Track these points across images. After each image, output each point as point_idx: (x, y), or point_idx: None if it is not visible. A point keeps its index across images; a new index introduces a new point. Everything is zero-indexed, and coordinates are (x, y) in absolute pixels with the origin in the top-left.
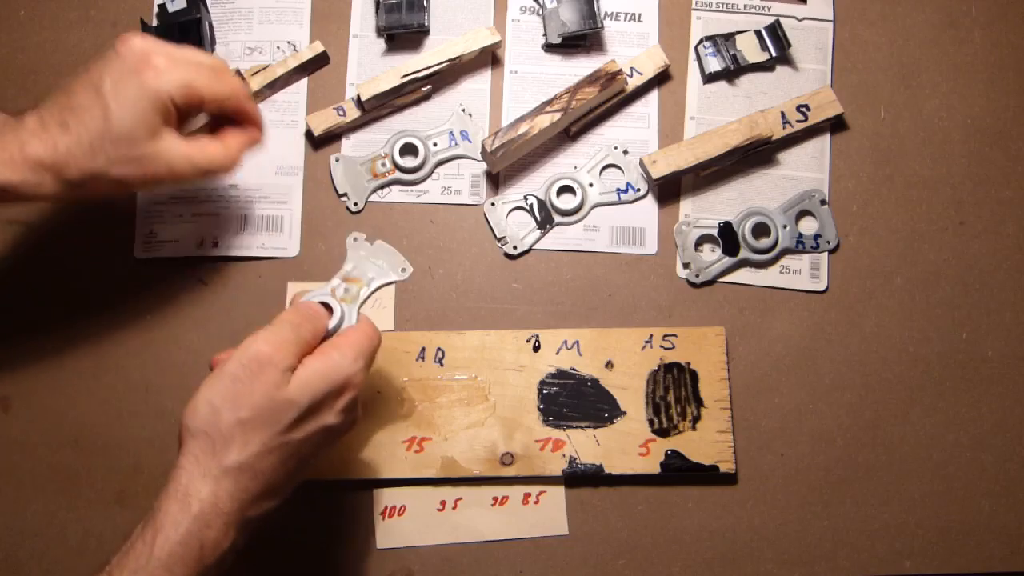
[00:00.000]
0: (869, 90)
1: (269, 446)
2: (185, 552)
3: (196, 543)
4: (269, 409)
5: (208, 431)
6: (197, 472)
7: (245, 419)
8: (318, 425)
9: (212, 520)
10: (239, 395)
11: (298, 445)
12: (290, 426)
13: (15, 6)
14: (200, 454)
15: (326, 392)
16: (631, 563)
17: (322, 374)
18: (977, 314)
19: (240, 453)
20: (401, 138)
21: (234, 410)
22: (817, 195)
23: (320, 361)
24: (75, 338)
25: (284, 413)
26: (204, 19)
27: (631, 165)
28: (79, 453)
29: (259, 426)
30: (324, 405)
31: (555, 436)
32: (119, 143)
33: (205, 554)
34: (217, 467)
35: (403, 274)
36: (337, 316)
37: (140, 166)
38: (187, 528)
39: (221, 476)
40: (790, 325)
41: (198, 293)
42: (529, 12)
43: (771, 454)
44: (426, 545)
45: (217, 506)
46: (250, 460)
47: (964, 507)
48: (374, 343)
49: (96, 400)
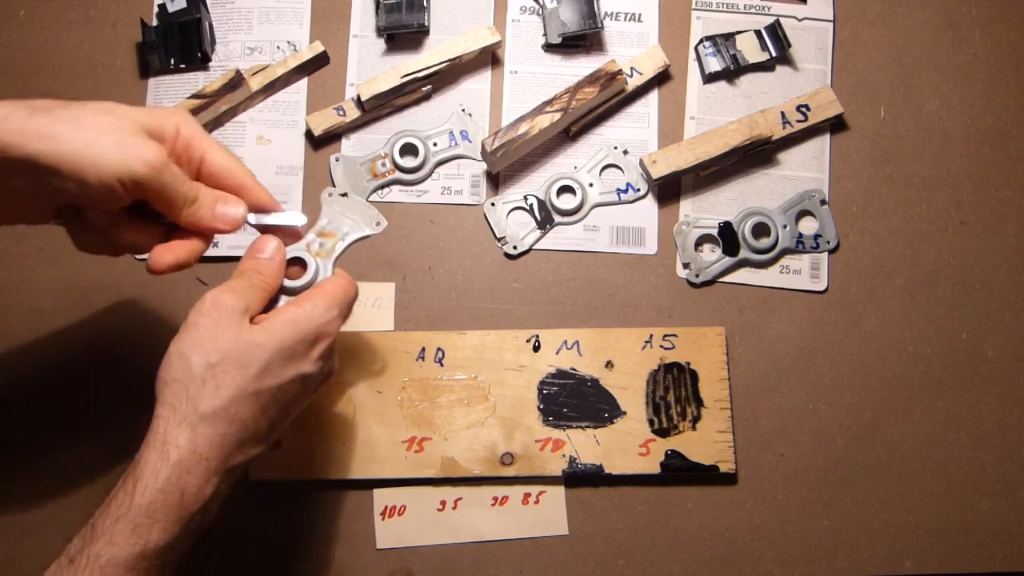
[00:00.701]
0: (869, 90)
1: (243, 392)
2: (166, 499)
3: (176, 490)
4: (236, 352)
5: (180, 378)
6: (174, 420)
7: (215, 362)
8: (293, 373)
9: (192, 467)
10: (204, 340)
11: (275, 392)
12: (262, 371)
13: (15, 6)
14: (175, 402)
15: (295, 339)
16: (631, 563)
17: (290, 322)
18: (977, 314)
19: (214, 398)
20: (401, 138)
21: (202, 354)
22: (817, 195)
23: (289, 310)
24: (75, 338)
25: (252, 356)
26: (204, 19)
27: (631, 165)
28: (79, 453)
29: (229, 369)
30: (297, 353)
31: (555, 436)
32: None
33: (186, 500)
34: (193, 413)
35: (377, 228)
36: (312, 271)
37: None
38: (167, 475)
39: (198, 422)
40: (790, 325)
41: (198, 293)
42: (529, 12)
43: (771, 454)
44: (426, 545)
45: (196, 452)
46: (225, 405)
47: (964, 507)
48: (348, 293)
49: (96, 400)
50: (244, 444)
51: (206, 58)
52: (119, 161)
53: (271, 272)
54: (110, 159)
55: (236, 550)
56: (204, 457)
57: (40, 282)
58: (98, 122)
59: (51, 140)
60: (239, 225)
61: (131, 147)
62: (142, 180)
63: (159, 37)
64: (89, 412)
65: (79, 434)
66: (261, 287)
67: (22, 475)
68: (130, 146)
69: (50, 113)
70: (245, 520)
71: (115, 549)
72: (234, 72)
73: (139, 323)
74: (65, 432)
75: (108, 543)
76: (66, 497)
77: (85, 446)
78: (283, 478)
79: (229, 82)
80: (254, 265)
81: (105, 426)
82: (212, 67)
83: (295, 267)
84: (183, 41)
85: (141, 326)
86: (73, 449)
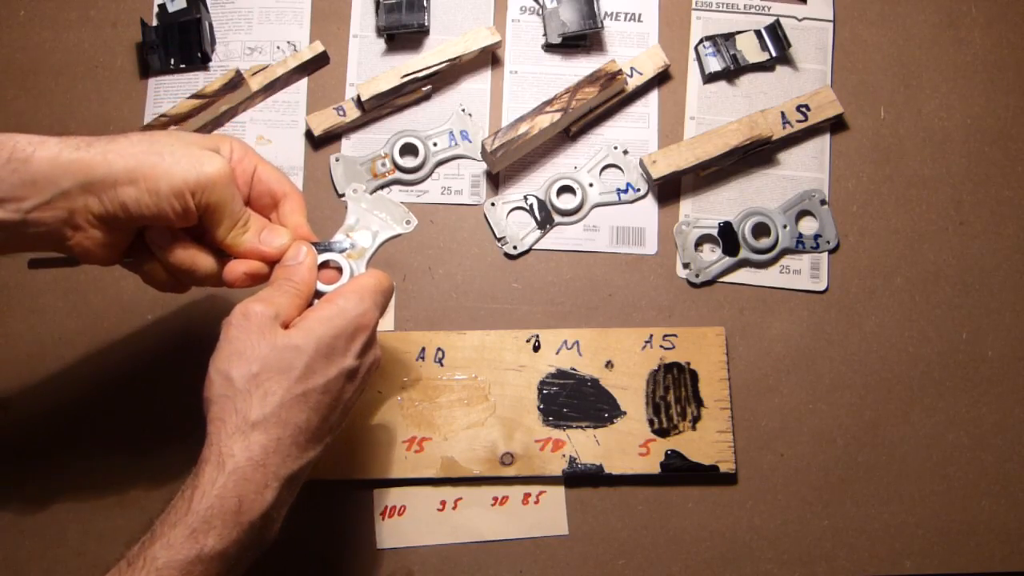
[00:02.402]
0: (869, 90)
1: (290, 395)
2: (223, 505)
3: (234, 497)
4: (276, 358)
5: (226, 393)
6: (225, 433)
7: (257, 372)
8: (337, 369)
9: (249, 474)
10: (242, 353)
11: (321, 391)
12: (305, 372)
13: (15, 6)
14: (225, 416)
15: (333, 335)
16: (631, 563)
17: (325, 319)
18: (977, 314)
19: (263, 406)
20: (401, 138)
21: (243, 367)
22: (817, 195)
23: (323, 308)
24: (75, 339)
25: (293, 359)
26: (204, 19)
27: (631, 165)
28: (79, 454)
29: (273, 376)
30: (336, 349)
31: (555, 436)
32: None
33: (244, 507)
34: (244, 423)
35: (408, 226)
36: (346, 274)
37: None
38: (223, 484)
39: (250, 431)
40: (790, 325)
41: (198, 293)
42: (529, 12)
43: (771, 454)
44: (426, 545)
45: (252, 459)
46: (276, 411)
47: (964, 507)
48: (382, 284)
49: (96, 400)
50: (300, 446)
51: (206, 58)
52: (191, 169)
53: (302, 277)
54: (182, 167)
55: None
56: (261, 464)
57: (40, 282)
58: (167, 140)
59: (130, 156)
60: (282, 252)
61: (201, 158)
62: (211, 188)
63: (159, 37)
64: (89, 412)
65: (80, 434)
66: (293, 293)
67: (22, 476)
68: (199, 157)
69: (127, 137)
70: None
71: (172, 552)
72: (234, 72)
73: (139, 323)
74: (65, 433)
75: (165, 546)
76: (67, 498)
77: (86, 447)
78: None
79: (229, 82)
80: (284, 273)
81: (106, 426)
82: (212, 67)
83: (330, 271)
84: (183, 41)
85: (142, 326)
86: (74, 450)
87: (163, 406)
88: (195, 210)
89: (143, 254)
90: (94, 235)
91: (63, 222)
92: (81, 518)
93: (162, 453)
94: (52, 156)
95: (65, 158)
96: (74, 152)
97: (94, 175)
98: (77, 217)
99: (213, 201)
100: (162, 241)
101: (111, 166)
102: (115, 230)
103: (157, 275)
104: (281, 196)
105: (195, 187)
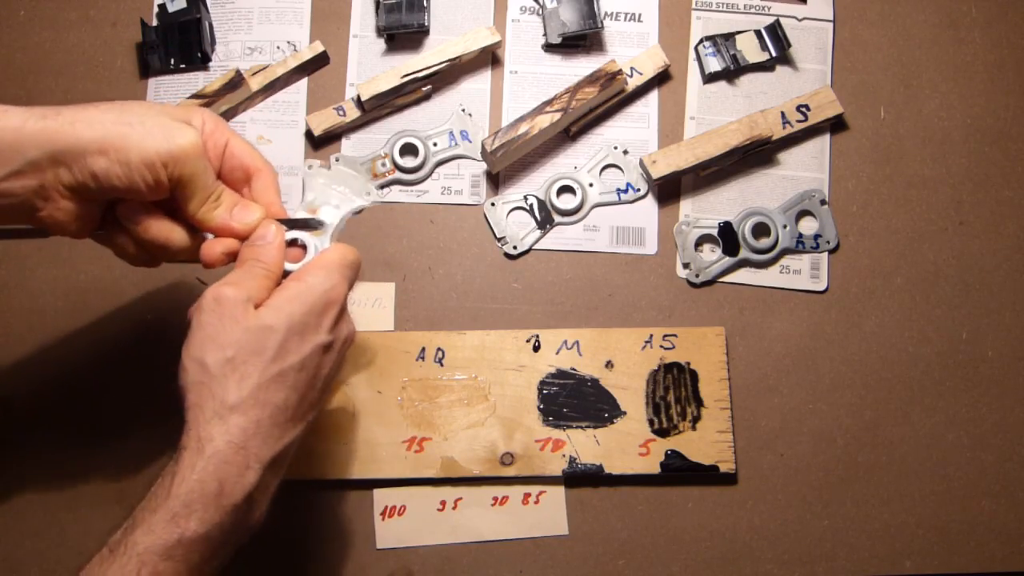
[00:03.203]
0: (869, 90)
1: (267, 375)
2: (203, 488)
3: (214, 480)
4: (249, 341)
5: (202, 380)
6: (203, 418)
7: (231, 356)
8: (311, 345)
9: (230, 457)
10: (215, 338)
11: (299, 368)
12: (279, 351)
13: (15, 6)
14: (202, 402)
15: (304, 312)
16: (631, 563)
17: (294, 297)
18: (977, 314)
19: (240, 389)
20: (401, 138)
21: (217, 352)
22: (817, 195)
23: (291, 286)
24: (75, 338)
25: (266, 340)
26: (204, 19)
27: (631, 165)
28: (79, 453)
29: (248, 358)
30: (308, 326)
31: (555, 436)
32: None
33: (225, 490)
34: (222, 407)
35: (368, 198)
36: (311, 251)
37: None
38: (203, 467)
39: (228, 414)
40: (790, 325)
41: (198, 291)
42: (529, 12)
43: (771, 454)
44: (426, 545)
45: (232, 443)
46: (253, 392)
47: (964, 507)
48: (347, 258)
49: (96, 400)
50: (281, 426)
51: (206, 58)
52: (162, 140)
53: (270, 257)
54: (154, 138)
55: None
56: (241, 446)
57: (40, 282)
58: (138, 110)
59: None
60: (252, 229)
61: (172, 129)
62: (183, 160)
63: (159, 37)
64: (90, 412)
65: (80, 435)
66: (263, 274)
67: (23, 476)
68: (171, 128)
69: (96, 106)
70: None
71: (152, 537)
72: (234, 72)
73: (140, 322)
74: (66, 433)
75: (146, 532)
76: (66, 498)
77: (86, 446)
78: (283, 478)
79: (229, 82)
80: (252, 254)
81: (106, 426)
82: (212, 67)
83: (295, 249)
84: (183, 41)
85: (141, 325)
86: (74, 449)
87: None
88: (167, 183)
89: (115, 227)
90: (65, 206)
91: (33, 192)
92: (81, 518)
93: (165, 453)
94: (16, 126)
95: (30, 128)
96: (40, 121)
97: (62, 144)
98: (47, 188)
99: (185, 173)
100: (134, 215)
101: (79, 136)
102: (86, 201)
103: (128, 249)
104: (254, 172)
105: (167, 158)
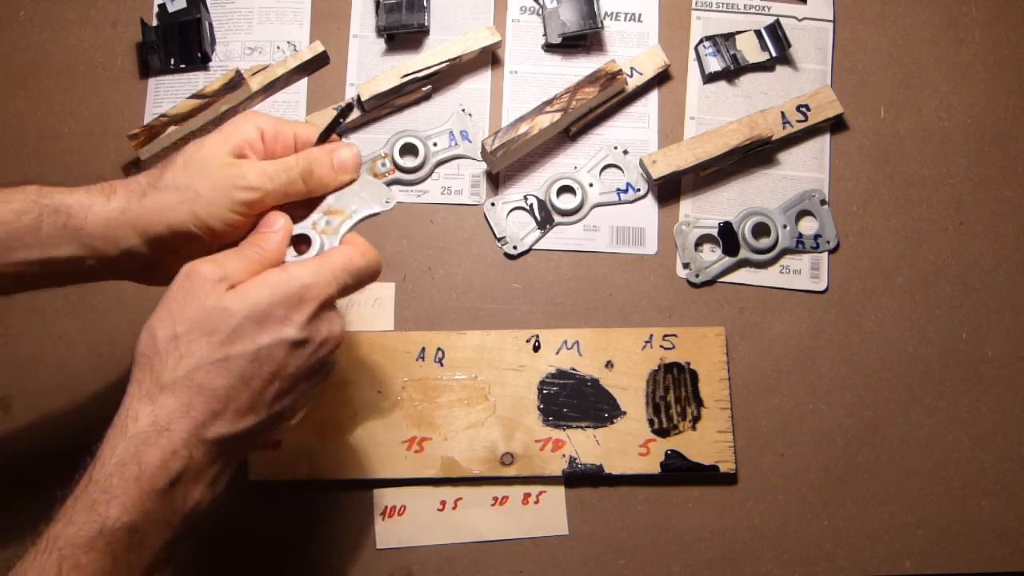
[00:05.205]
0: (869, 90)
1: (209, 359)
2: (123, 472)
3: (134, 463)
4: (202, 319)
5: (147, 352)
6: (137, 395)
7: (180, 333)
8: (271, 338)
9: (150, 438)
10: (173, 312)
11: (251, 359)
12: (230, 337)
13: (15, 6)
14: (141, 377)
15: (270, 302)
16: (631, 563)
17: (264, 284)
18: (977, 314)
19: (176, 368)
20: (401, 138)
21: (168, 327)
22: (817, 195)
23: (269, 274)
24: (76, 338)
25: (220, 322)
26: (204, 19)
27: (631, 165)
28: (79, 453)
29: (195, 338)
30: (272, 317)
31: (555, 436)
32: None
33: (146, 473)
34: (155, 385)
35: (387, 205)
36: (316, 247)
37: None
38: (124, 449)
39: (159, 394)
40: (790, 325)
41: None
42: (529, 12)
43: (771, 454)
44: (426, 545)
45: (156, 424)
46: (188, 374)
47: (964, 507)
48: (352, 263)
49: (96, 399)
50: (220, 415)
51: (206, 58)
52: (224, 199)
53: (269, 245)
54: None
55: (236, 550)
56: (165, 428)
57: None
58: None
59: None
60: (358, 163)
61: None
62: (252, 201)
63: (159, 37)
64: (90, 412)
65: (80, 434)
66: (254, 259)
67: (23, 475)
68: (223, 181)
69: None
70: (245, 520)
71: (73, 529)
72: (234, 72)
73: (140, 322)
74: (66, 432)
75: (66, 523)
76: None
77: (87, 446)
78: (283, 478)
79: (229, 82)
80: (254, 239)
81: (107, 426)
82: (212, 67)
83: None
84: (183, 41)
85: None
86: (75, 449)
87: None
88: (251, 218)
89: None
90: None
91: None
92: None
93: None
94: (105, 220)
95: (119, 220)
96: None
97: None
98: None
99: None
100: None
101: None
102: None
103: None
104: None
105: (238, 209)
